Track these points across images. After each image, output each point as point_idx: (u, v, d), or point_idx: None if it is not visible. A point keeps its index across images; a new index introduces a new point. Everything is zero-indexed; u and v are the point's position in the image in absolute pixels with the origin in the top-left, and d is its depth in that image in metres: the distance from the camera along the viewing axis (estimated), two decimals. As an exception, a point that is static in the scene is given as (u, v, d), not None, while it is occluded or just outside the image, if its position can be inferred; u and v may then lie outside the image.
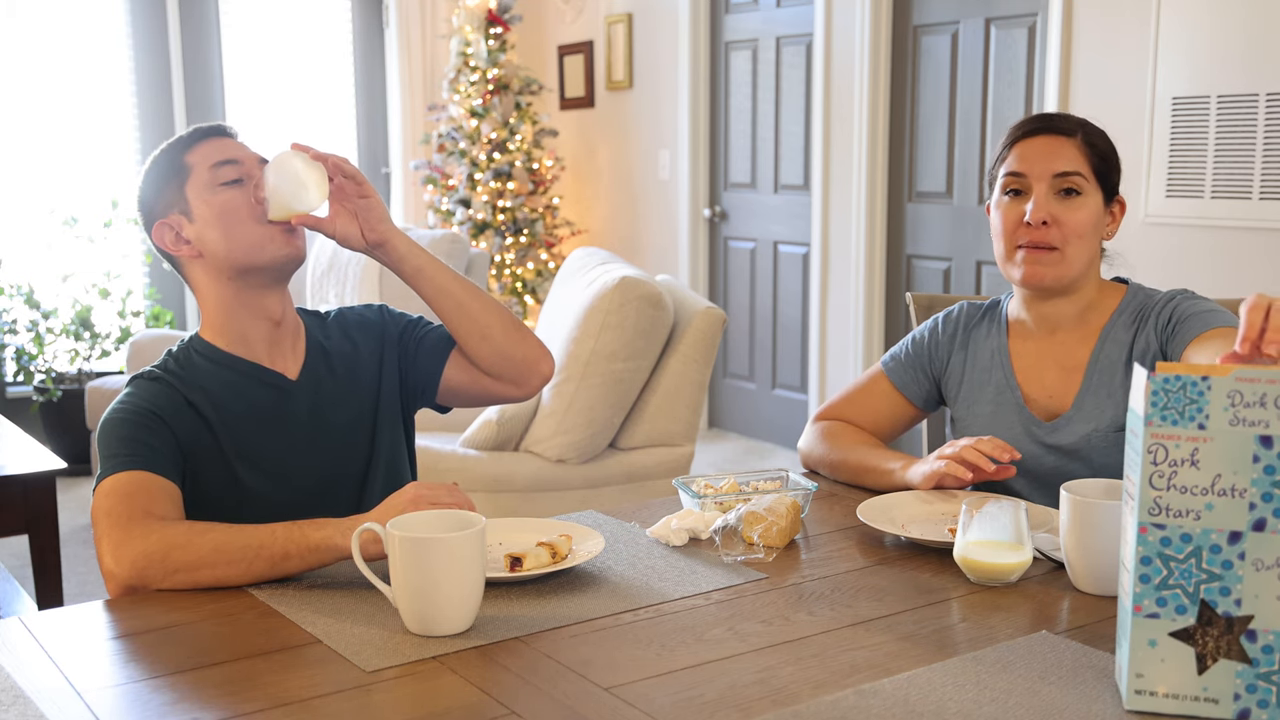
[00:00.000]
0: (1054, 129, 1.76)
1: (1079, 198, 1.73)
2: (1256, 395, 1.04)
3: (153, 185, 1.67)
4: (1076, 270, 1.75)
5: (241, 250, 1.62)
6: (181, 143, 1.66)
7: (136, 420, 1.56)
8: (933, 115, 4.59)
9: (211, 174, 1.63)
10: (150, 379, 1.63)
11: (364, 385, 1.73)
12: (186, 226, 1.64)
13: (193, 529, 1.43)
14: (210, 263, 1.64)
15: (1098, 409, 1.75)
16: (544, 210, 5.80)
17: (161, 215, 1.66)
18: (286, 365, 1.69)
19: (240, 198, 1.63)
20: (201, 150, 1.65)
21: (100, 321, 5.17)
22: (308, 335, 1.73)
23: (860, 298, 4.86)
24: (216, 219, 1.62)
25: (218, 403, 1.62)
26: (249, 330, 1.66)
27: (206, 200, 1.62)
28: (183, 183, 1.64)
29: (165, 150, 1.68)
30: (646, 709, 1.10)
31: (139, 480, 1.50)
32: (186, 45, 5.64)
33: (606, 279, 3.21)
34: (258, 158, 1.66)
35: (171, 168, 1.65)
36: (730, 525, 1.58)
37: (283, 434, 1.65)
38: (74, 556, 3.96)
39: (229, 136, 1.69)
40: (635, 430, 3.32)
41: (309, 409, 1.67)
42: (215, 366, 1.65)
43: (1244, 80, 3.50)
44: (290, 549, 1.41)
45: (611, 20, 5.87)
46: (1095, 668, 1.17)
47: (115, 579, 1.42)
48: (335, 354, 1.73)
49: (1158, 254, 3.71)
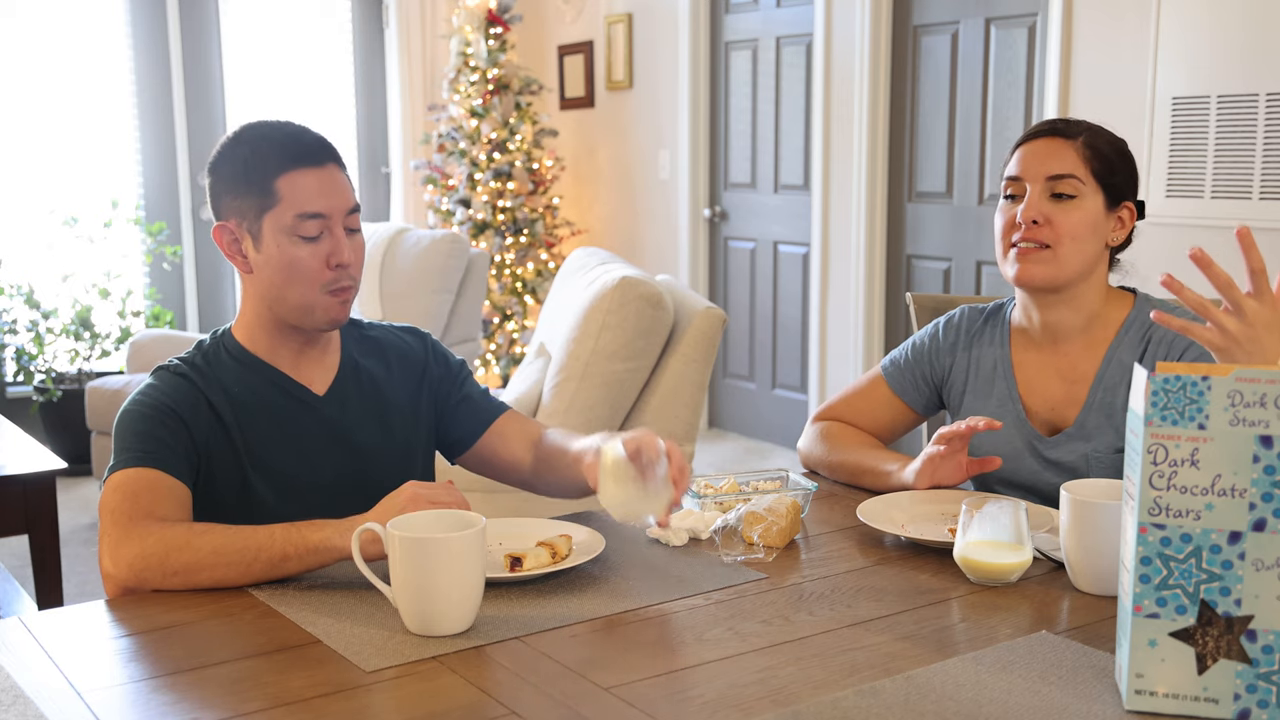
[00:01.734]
0: (1056, 133, 1.75)
1: (1073, 200, 1.71)
2: (1256, 395, 1.04)
3: (231, 179, 1.58)
4: (1070, 271, 1.73)
5: (289, 306, 1.58)
6: (277, 159, 1.55)
7: (154, 416, 1.54)
8: (933, 115, 4.59)
9: (295, 222, 1.55)
10: (175, 372, 1.60)
11: (392, 412, 1.70)
12: (250, 248, 1.58)
13: (192, 530, 1.43)
14: (261, 290, 1.60)
15: (1098, 430, 1.73)
16: (544, 210, 5.80)
17: (229, 218, 1.59)
18: (314, 379, 1.66)
19: (312, 259, 1.56)
20: (297, 182, 1.55)
21: (100, 321, 5.17)
22: (343, 350, 1.70)
23: (860, 298, 4.86)
24: (283, 268, 1.56)
25: (238, 406, 1.60)
26: (280, 342, 1.63)
27: (280, 245, 1.56)
28: (264, 209, 1.55)
29: (257, 153, 1.56)
30: (646, 709, 1.10)
31: (148, 478, 1.49)
32: (186, 45, 5.64)
33: (606, 279, 3.21)
34: (349, 205, 1.58)
35: (259, 183, 1.55)
36: (730, 525, 1.59)
37: (299, 447, 1.62)
38: (74, 556, 3.96)
39: (332, 165, 1.58)
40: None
41: (330, 426, 1.64)
42: (242, 368, 1.63)
43: (1244, 80, 3.50)
44: (289, 550, 1.40)
45: (611, 20, 5.87)
46: (1095, 668, 1.17)
47: (113, 580, 1.42)
48: (367, 374, 1.69)
49: (1158, 254, 3.70)
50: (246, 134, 1.60)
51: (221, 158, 1.60)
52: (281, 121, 1.61)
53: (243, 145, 1.58)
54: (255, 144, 1.57)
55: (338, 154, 1.61)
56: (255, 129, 1.60)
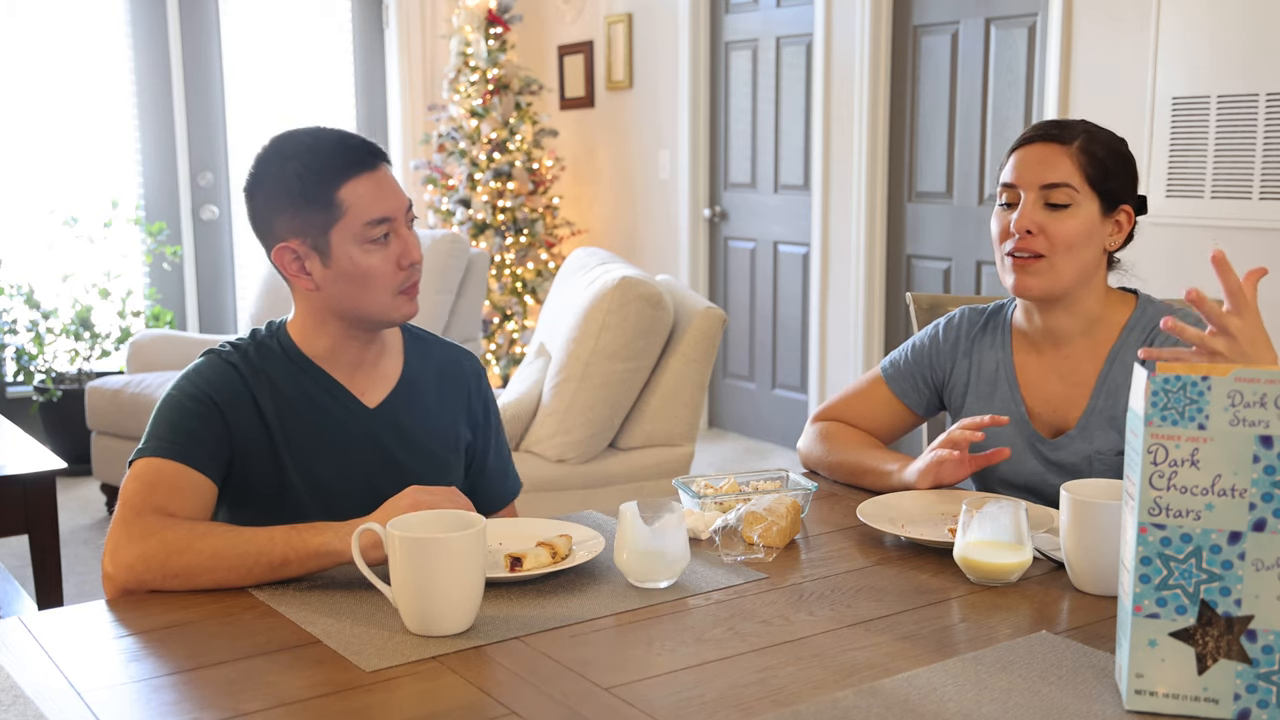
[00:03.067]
0: (1050, 138, 1.73)
1: (1067, 209, 1.70)
2: (1256, 395, 1.04)
3: (284, 197, 1.53)
4: (1066, 281, 1.72)
5: (363, 313, 1.57)
6: (333, 170, 1.52)
7: (192, 407, 1.53)
8: (933, 115, 4.59)
9: (364, 230, 1.52)
10: (225, 360, 1.58)
11: (434, 434, 1.68)
12: (316, 266, 1.55)
13: (193, 532, 1.42)
14: (324, 302, 1.57)
15: (1101, 432, 1.73)
16: (544, 210, 5.80)
17: (288, 239, 1.54)
18: (366, 390, 1.63)
19: (385, 264, 1.54)
20: (358, 190, 1.52)
21: (100, 321, 5.17)
22: (405, 364, 1.67)
23: (860, 298, 4.86)
24: (358, 278, 1.54)
25: (283, 404, 1.58)
26: (338, 348, 1.61)
27: (352, 256, 1.53)
28: (329, 223, 1.52)
29: (310, 167, 1.51)
30: (646, 709, 1.10)
31: (168, 471, 1.48)
32: (186, 45, 5.64)
33: (606, 279, 3.21)
34: (407, 202, 1.57)
35: (319, 198, 1.51)
36: (730, 525, 1.58)
37: (340, 456, 1.60)
38: (74, 556, 3.96)
39: (384, 165, 1.56)
40: (635, 430, 3.32)
41: (374, 441, 1.62)
42: (293, 367, 1.61)
43: (1244, 80, 3.50)
44: (290, 555, 1.40)
45: (611, 20, 5.87)
46: (1095, 668, 1.17)
47: (111, 581, 1.42)
48: (420, 391, 1.67)
49: (1158, 254, 3.71)
50: (288, 148, 1.55)
51: (265, 177, 1.55)
52: (318, 128, 1.57)
53: (290, 161, 1.53)
54: (304, 158, 1.53)
55: (385, 152, 1.58)
56: (296, 141, 1.55)
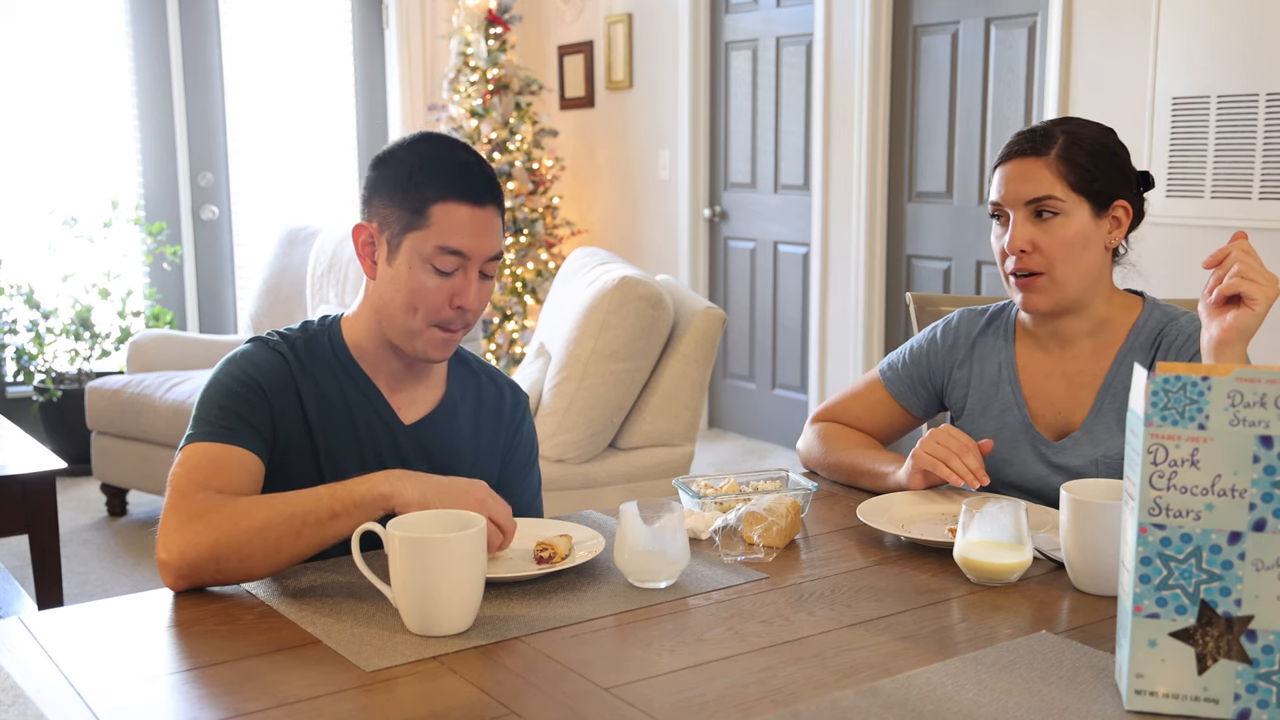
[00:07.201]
0: (1026, 152, 1.70)
1: (1057, 219, 1.68)
2: (1257, 395, 1.04)
3: (390, 183, 1.54)
4: (1071, 290, 1.71)
5: (395, 326, 1.56)
6: (442, 183, 1.52)
7: (238, 390, 1.52)
8: (933, 115, 4.59)
9: (434, 252, 1.52)
10: (273, 348, 1.58)
11: (466, 463, 1.66)
12: (382, 257, 1.56)
13: (237, 511, 1.39)
14: (376, 300, 1.58)
15: (1106, 435, 1.72)
16: (544, 210, 5.80)
17: (372, 220, 1.56)
18: (405, 406, 1.63)
19: (437, 293, 1.53)
20: (452, 214, 1.52)
21: (100, 321, 5.16)
22: (448, 389, 1.67)
23: (860, 298, 4.86)
24: (405, 289, 1.54)
25: (323, 404, 1.58)
26: (385, 360, 1.61)
27: (411, 267, 1.53)
28: (410, 226, 1.52)
29: (424, 170, 1.52)
30: (646, 709, 1.10)
31: (214, 453, 1.47)
32: (186, 45, 5.64)
33: (606, 279, 3.21)
34: (494, 251, 1.56)
35: (415, 200, 1.52)
36: (730, 525, 1.58)
37: (368, 465, 1.58)
38: (74, 556, 3.96)
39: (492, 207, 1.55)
40: (635, 430, 3.32)
41: (404, 458, 1.62)
42: (339, 366, 1.60)
43: (1244, 80, 3.50)
44: (336, 507, 1.38)
45: (611, 20, 5.87)
46: (1095, 668, 1.17)
47: (167, 568, 1.39)
48: (459, 419, 1.67)
49: (1158, 254, 3.70)
50: (422, 145, 1.57)
51: (390, 157, 1.57)
52: (465, 145, 1.58)
53: (414, 156, 1.55)
54: (426, 160, 1.54)
55: (501, 196, 1.58)
56: (433, 143, 1.57)
